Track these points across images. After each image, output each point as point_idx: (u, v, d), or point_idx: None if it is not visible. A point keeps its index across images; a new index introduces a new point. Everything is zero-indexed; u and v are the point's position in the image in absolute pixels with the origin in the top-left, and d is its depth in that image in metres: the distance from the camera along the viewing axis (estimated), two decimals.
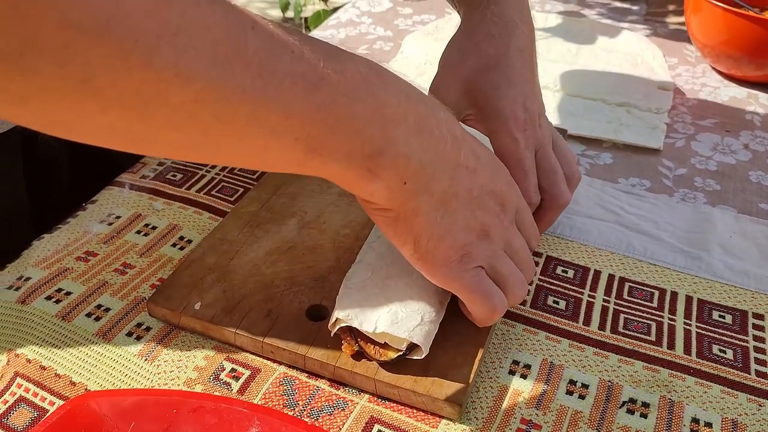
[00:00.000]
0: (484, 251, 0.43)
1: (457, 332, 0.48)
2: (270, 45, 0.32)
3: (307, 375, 0.48)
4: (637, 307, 0.54)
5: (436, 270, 0.42)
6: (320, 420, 0.45)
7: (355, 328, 0.45)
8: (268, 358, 0.49)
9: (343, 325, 0.46)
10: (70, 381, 0.48)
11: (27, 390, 0.47)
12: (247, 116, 0.32)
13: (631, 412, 0.46)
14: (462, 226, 0.41)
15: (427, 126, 0.39)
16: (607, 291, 0.55)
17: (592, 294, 0.55)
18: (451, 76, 0.56)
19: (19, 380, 0.48)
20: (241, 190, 0.65)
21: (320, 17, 1.67)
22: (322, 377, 0.47)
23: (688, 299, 0.55)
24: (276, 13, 2.85)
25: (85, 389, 0.47)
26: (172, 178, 0.66)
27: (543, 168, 0.55)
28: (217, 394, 0.46)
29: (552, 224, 0.58)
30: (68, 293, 0.53)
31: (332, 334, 0.46)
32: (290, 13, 2.66)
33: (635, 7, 1.09)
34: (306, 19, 2.15)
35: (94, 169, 0.42)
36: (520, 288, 0.45)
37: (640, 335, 0.51)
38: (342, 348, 0.46)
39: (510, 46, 0.55)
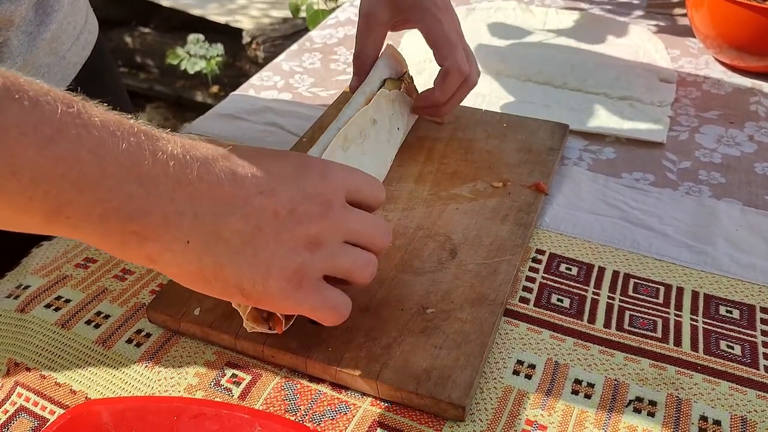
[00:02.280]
0: (319, 262, 0.40)
1: (459, 333, 0.48)
2: None
3: (308, 379, 0.47)
4: (643, 303, 0.53)
5: (278, 304, 0.40)
6: (322, 424, 0.44)
7: None
8: (269, 363, 0.48)
9: None
10: (71, 389, 0.47)
11: (27, 399, 0.47)
12: None
13: (638, 411, 0.45)
14: (284, 253, 0.38)
15: (194, 175, 0.35)
16: (612, 288, 0.55)
17: (597, 291, 0.54)
18: None
19: (19, 389, 0.47)
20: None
21: (319, 17, 1.66)
22: (323, 381, 0.47)
23: (695, 294, 0.54)
24: (278, 12, 2.85)
25: (86, 397, 0.47)
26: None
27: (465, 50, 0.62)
28: (218, 400, 0.46)
29: (460, 102, 0.66)
30: (68, 300, 0.53)
31: None
32: (303, 15, 2.65)
33: (636, 0, 1.08)
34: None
35: None
36: (365, 270, 0.43)
37: (646, 332, 0.51)
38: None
39: None
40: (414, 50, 0.91)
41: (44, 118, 0.31)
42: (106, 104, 0.36)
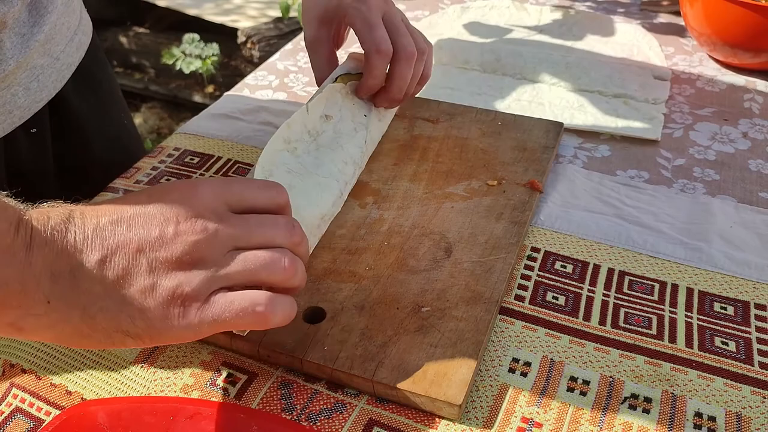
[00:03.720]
0: (201, 277, 0.37)
1: (455, 331, 0.48)
2: None
3: (304, 378, 0.47)
4: (638, 300, 0.53)
5: (170, 335, 0.37)
6: (319, 423, 0.44)
7: None
8: (264, 362, 0.48)
9: None
10: (66, 390, 0.47)
11: (23, 400, 0.47)
12: None
13: (633, 407, 0.45)
14: (155, 281, 0.37)
15: (46, 233, 0.35)
16: (607, 285, 0.55)
17: (592, 288, 0.54)
18: (310, 19, 0.66)
19: (14, 391, 0.47)
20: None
21: None
22: (319, 380, 0.47)
23: (689, 291, 0.54)
24: (274, 12, 2.84)
25: (81, 398, 0.47)
26: (166, 182, 0.66)
27: (389, 27, 0.60)
28: (214, 399, 0.46)
29: (407, 80, 0.62)
30: None
31: None
32: (293, 14, 2.65)
33: None
34: None
35: (85, 176, 0.42)
36: (272, 268, 0.40)
37: (641, 329, 0.51)
38: None
39: None
40: None
41: None
42: (101, 104, 0.37)
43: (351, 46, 0.88)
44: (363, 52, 0.61)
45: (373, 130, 0.65)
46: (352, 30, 0.63)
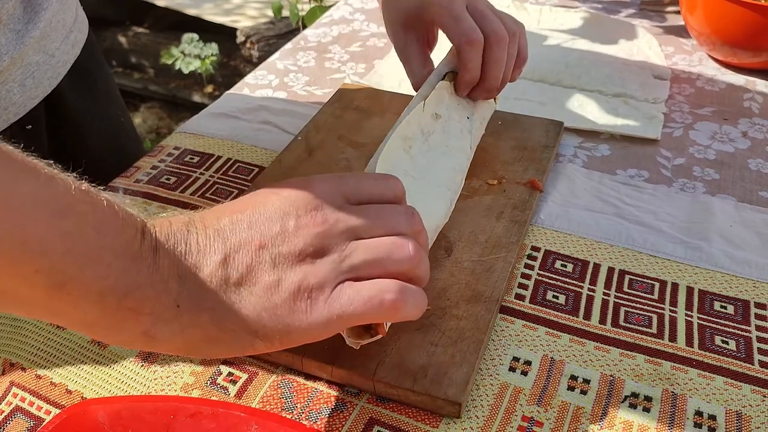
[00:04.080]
0: (326, 267, 0.37)
1: (455, 330, 0.48)
2: (10, 165, 0.30)
3: (304, 377, 0.47)
4: (638, 299, 0.53)
5: (300, 333, 0.36)
6: (319, 422, 0.44)
7: None
8: (265, 361, 0.48)
9: None
10: (66, 389, 0.47)
11: (23, 399, 0.47)
12: None
13: (633, 406, 0.45)
14: (280, 277, 0.36)
15: (171, 239, 0.35)
16: (607, 284, 0.55)
17: (592, 287, 0.54)
18: (396, 28, 0.65)
19: (14, 390, 0.47)
20: (236, 191, 0.65)
21: (315, 14, 1.66)
22: (320, 379, 0.47)
23: (689, 290, 0.54)
24: (272, 14, 2.84)
25: (82, 397, 0.47)
26: (165, 181, 0.66)
27: (474, 15, 0.60)
28: (214, 398, 0.46)
29: (502, 65, 0.61)
30: None
31: None
32: (285, 13, 2.65)
33: None
34: (303, 18, 2.14)
35: (81, 174, 0.42)
36: (397, 254, 0.38)
37: (641, 328, 0.51)
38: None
39: None
40: None
41: (57, 193, 0.32)
42: (97, 101, 0.37)
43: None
44: None
45: (476, 135, 0.63)
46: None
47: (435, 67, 0.64)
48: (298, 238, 0.37)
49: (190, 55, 2.72)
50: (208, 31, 2.84)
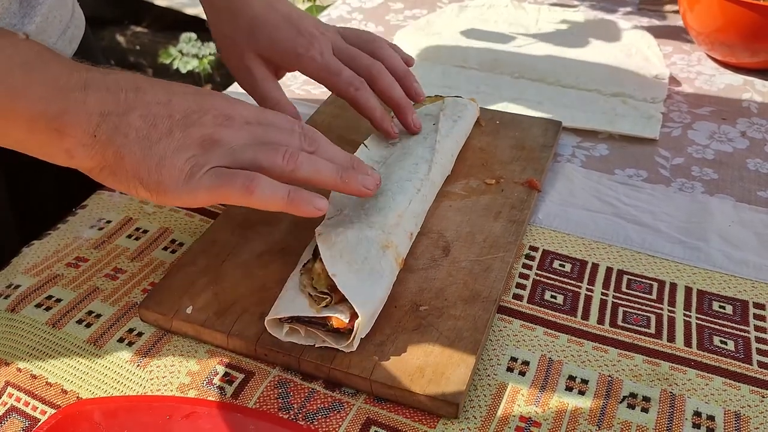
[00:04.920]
0: (214, 156, 0.44)
1: (453, 330, 0.48)
2: None
3: (301, 377, 0.47)
4: (636, 299, 0.53)
5: (173, 194, 0.43)
6: (316, 423, 0.44)
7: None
8: (261, 361, 0.48)
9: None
10: (62, 389, 0.47)
11: (18, 399, 0.46)
12: None
13: (631, 406, 0.45)
14: (176, 147, 0.43)
15: (100, 85, 0.43)
16: (606, 284, 0.54)
17: (590, 288, 0.54)
18: (237, 57, 0.61)
19: (10, 390, 0.47)
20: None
21: (312, 13, 1.66)
22: (317, 379, 0.47)
23: (688, 290, 0.54)
24: None
25: (77, 397, 0.46)
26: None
27: (343, 57, 0.60)
28: (210, 399, 0.46)
29: (395, 84, 0.60)
30: (58, 300, 0.53)
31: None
32: None
33: None
34: None
35: (79, 171, 0.43)
36: (273, 156, 0.45)
37: (639, 328, 0.51)
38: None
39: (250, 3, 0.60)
40: (407, 46, 0.91)
41: None
42: None
43: None
44: None
45: (448, 130, 0.63)
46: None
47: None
48: (199, 128, 0.44)
49: (188, 55, 2.72)
50: (207, 30, 2.83)
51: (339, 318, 0.45)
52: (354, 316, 0.45)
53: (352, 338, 0.45)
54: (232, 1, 0.59)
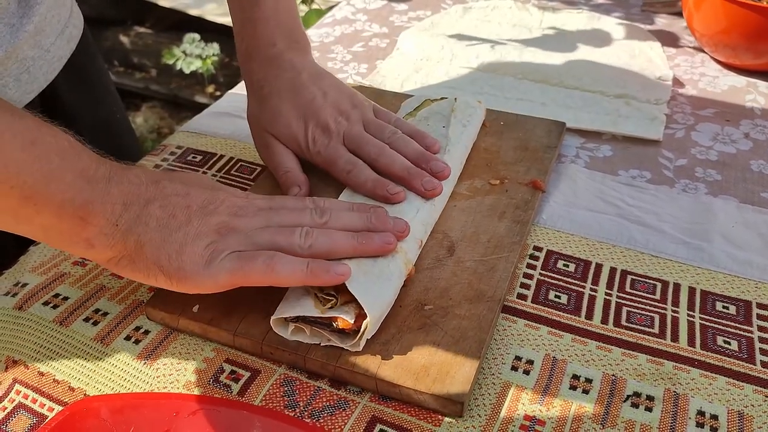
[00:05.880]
0: (232, 241, 0.46)
1: (458, 329, 0.48)
2: None
3: (307, 375, 0.47)
4: (640, 299, 0.53)
5: (193, 279, 0.45)
6: (322, 420, 0.44)
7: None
8: (267, 359, 0.48)
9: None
10: (69, 386, 0.47)
11: (26, 396, 0.47)
12: None
13: (635, 405, 0.45)
14: (195, 234, 0.46)
15: (123, 178, 0.46)
16: (609, 284, 0.55)
17: (594, 287, 0.54)
18: (259, 132, 0.64)
19: (17, 387, 0.47)
20: (238, 190, 0.65)
21: (312, 19, 1.66)
22: (322, 377, 0.47)
23: (691, 291, 0.54)
24: None
25: (84, 394, 0.47)
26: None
27: (350, 144, 0.60)
28: (216, 396, 0.46)
29: (396, 159, 0.58)
30: (65, 298, 0.53)
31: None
32: None
33: None
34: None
35: None
36: (290, 237, 0.47)
37: (643, 328, 0.51)
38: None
39: (269, 90, 0.63)
40: (411, 48, 0.91)
41: (29, 126, 0.42)
42: (92, 97, 0.44)
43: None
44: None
45: (458, 137, 0.63)
46: None
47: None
48: (216, 217, 0.47)
49: (192, 55, 2.72)
50: (210, 31, 2.84)
51: (344, 319, 0.45)
52: (359, 316, 0.46)
53: (358, 338, 0.46)
54: (262, 89, 0.63)
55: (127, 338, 0.50)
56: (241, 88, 0.84)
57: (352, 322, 0.45)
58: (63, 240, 0.45)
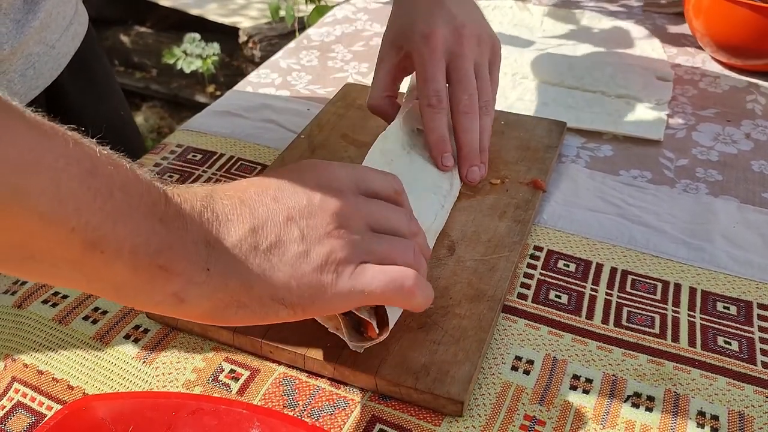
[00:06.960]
0: (351, 243, 0.39)
1: (458, 329, 0.48)
2: (39, 127, 0.31)
3: (307, 374, 0.47)
4: (641, 299, 0.53)
5: (323, 303, 0.38)
6: (321, 420, 0.44)
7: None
8: (267, 359, 0.48)
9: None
10: (68, 385, 0.47)
11: (24, 395, 0.47)
12: (10, 193, 0.29)
13: (636, 406, 0.45)
14: (308, 248, 0.38)
15: (198, 208, 0.36)
16: (610, 284, 0.55)
17: (595, 287, 0.54)
18: (386, 39, 0.63)
19: (16, 385, 0.47)
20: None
21: (315, 16, 1.66)
22: (322, 376, 0.47)
23: (692, 291, 0.54)
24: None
25: (83, 393, 0.47)
26: (168, 178, 0.66)
27: (452, 76, 0.58)
28: (216, 395, 0.46)
29: (471, 134, 0.58)
30: (65, 297, 0.53)
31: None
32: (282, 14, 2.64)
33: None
34: (300, 19, 2.14)
35: None
36: (405, 254, 0.41)
37: (643, 328, 0.51)
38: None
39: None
40: None
41: (85, 154, 0.32)
42: (97, 94, 0.38)
43: None
44: None
45: None
46: None
47: (399, 91, 0.64)
48: (324, 214, 0.38)
49: (192, 55, 2.72)
50: (210, 30, 2.84)
51: (373, 327, 0.43)
52: (380, 324, 0.44)
53: (366, 344, 0.44)
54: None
55: (127, 337, 0.50)
56: (242, 87, 0.84)
57: (377, 331, 0.44)
58: (143, 299, 0.35)
